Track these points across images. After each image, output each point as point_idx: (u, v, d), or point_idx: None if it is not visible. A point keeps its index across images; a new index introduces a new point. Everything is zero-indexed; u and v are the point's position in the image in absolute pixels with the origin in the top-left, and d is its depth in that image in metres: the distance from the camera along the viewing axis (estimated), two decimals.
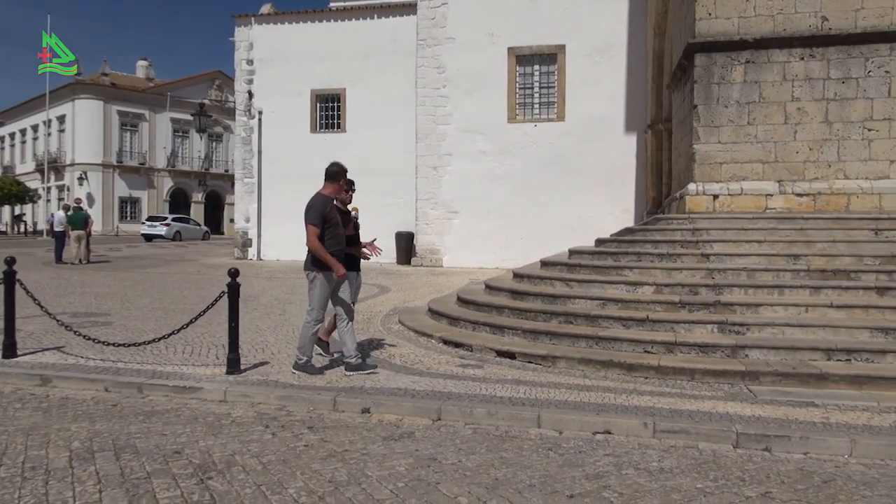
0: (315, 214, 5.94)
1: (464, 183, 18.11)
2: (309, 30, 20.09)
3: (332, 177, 6.20)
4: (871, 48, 9.12)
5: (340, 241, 6.17)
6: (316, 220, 5.93)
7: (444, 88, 18.18)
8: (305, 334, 6.10)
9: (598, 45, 17.29)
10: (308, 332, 6.09)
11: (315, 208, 5.98)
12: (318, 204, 6.02)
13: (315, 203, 6.03)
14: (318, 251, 5.91)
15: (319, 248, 5.91)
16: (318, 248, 5.92)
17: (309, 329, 6.09)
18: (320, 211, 5.97)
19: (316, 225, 5.93)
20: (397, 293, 12.40)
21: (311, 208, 6.00)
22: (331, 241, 6.02)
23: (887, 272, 7.33)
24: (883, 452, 4.39)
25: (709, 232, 8.61)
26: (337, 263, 5.95)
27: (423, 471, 3.97)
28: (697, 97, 9.61)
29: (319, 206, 6.00)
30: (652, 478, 3.94)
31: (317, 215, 5.94)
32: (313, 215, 5.95)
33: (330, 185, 6.20)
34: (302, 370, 6.07)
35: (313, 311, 6.06)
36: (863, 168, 9.18)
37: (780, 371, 5.85)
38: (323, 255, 5.92)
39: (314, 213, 5.95)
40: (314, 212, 5.96)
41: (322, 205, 6.02)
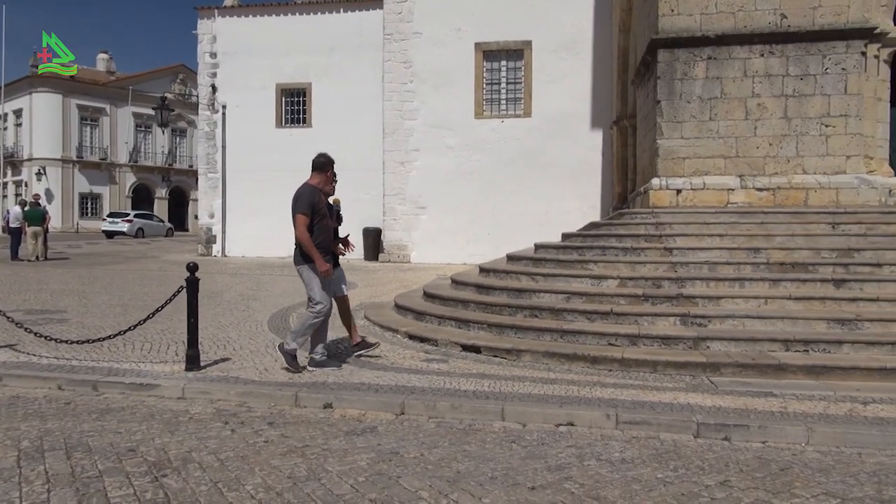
0: (304, 203, 5.77)
1: (431, 178, 18.06)
2: (274, 23, 19.81)
3: (320, 167, 6.03)
4: (829, 45, 9.31)
5: (329, 232, 6.03)
6: (306, 209, 5.75)
7: (411, 83, 18.09)
8: (304, 322, 5.90)
9: (565, 41, 17.38)
10: (307, 321, 5.87)
11: (304, 198, 5.80)
12: (307, 194, 5.84)
13: (304, 192, 5.86)
14: (306, 243, 5.73)
15: (307, 240, 5.73)
16: (307, 240, 5.73)
17: (310, 318, 5.87)
18: (309, 200, 5.79)
19: (306, 214, 5.74)
20: (364, 289, 12.31)
21: (299, 198, 5.82)
22: (318, 233, 5.86)
23: (843, 265, 7.49)
24: (838, 440, 4.48)
25: (672, 226, 8.71)
26: (321, 259, 5.75)
27: (385, 465, 3.92)
28: (660, 93, 9.71)
29: (308, 195, 5.83)
30: (613, 468, 3.96)
31: (306, 204, 5.76)
32: (302, 204, 5.76)
33: (317, 176, 6.02)
34: (285, 354, 5.89)
35: (318, 304, 5.85)
36: (820, 163, 9.37)
37: (741, 362, 5.94)
38: (309, 248, 5.72)
39: (303, 202, 5.77)
40: (303, 201, 5.78)
41: (311, 194, 5.84)
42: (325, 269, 5.78)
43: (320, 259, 5.76)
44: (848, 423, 4.66)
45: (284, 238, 19.32)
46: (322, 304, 5.89)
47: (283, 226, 20.19)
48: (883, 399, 5.24)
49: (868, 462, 4.17)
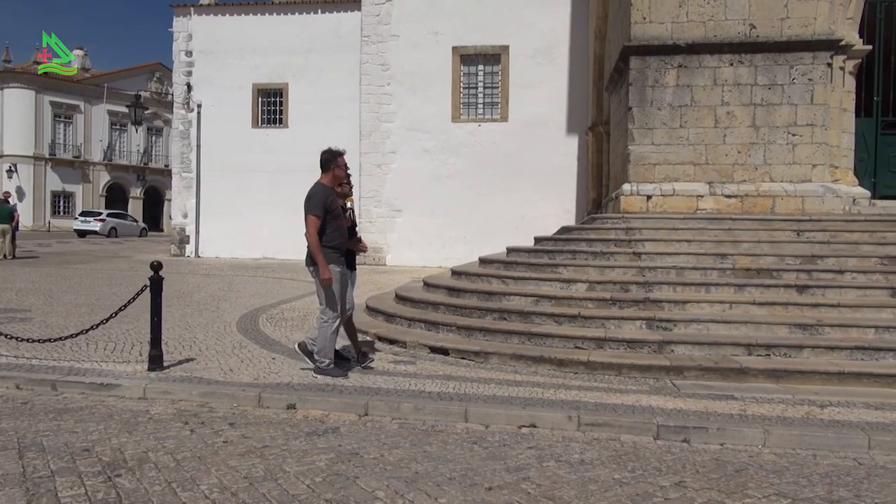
0: (317, 204, 5.58)
1: (408, 181, 18.05)
2: (251, 22, 19.69)
3: (324, 165, 5.84)
4: (796, 56, 9.48)
5: (343, 233, 5.85)
6: (318, 210, 5.56)
7: (388, 86, 18.09)
8: (324, 334, 5.70)
9: (542, 47, 17.49)
10: (327, 332, 5.69)
11: (316, 197, 5.62)
12: (320, 193, 5.66)
13: (316, 192, 5.68)
14: (314, 246, 5.55)
15: (315, 244, 5.55)
16: (315, 242, 5.55)
17: (327, 328, 5.70)
18: (322, 201, 5.60)
19: (318, 215, 5.56)
20: None
21: (312, 198, 5.64)
22: (333, 234, 5.69)
23: (806, 271, 7.63)
24: (794, 442, 4.55)
25: (641, 231, 8.80)
26: (325, 266, 5.56)
27: (344, 465, 3.91)
28: (632, 100, 9.81)
29: (321, 195, 5.64)
30: (572, 469, 3.98)
31: (318, 205, 5.58)
32: (315, 205, 5.58)
33: (325, 175, 5.82)
34: (325, 374, 5.66)
35: (329, 309, 5.70)
36: (787, 171, 9.54)
37: (704, 366, 6.02)
38: (315, 252, 5.54)
39: (316, 202, 5.59)
40: (316, 201, 5.59)
41: (324, 194, 5.66)
42: (327, 278, 5.59)
43: (324, 266, 5.58)
44: (804, 426, 4.74)
45: (259, 239, 19.40)
46: (332, 308, 5.69)
47: (258, 226, 20.13)
48: (840, 402, 5.34)
49: (822, 464, 4.25)
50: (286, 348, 7.01)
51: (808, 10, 9.46)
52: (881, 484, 3.91)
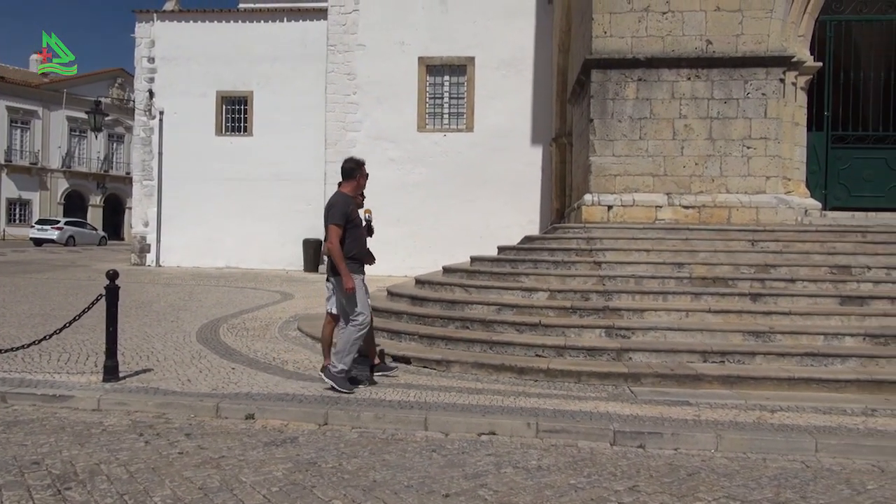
0: (338, 213, 5.55)
1: (373, 190, 17.81)
2: (215, 29, 19.53)
3: (349, 174, 5.82)
4: (750, 71, 9.76)
5: (363, 243, 5.82)
6: (340, 220, 5.54)
7: (354, 95, 18.08)
8: (348, 338, 5.59)
9: (507, 59, 17.69)
10: (351, 336, 5.58)
11: (338, 207, 5.60)
12: (341, 203, 5.64)
13: (338, 202, 5.65)
14: (336, 255, 5.51)
15: (338, 252, 5.51)
16: (338, 251, 5.51)
17: (353, 333, 5.58)
18: (343, 210, 5.58)
19: (339, 225, 5.54)
20: (301, 300, 12.19)
21: (332, 207, 5.62)
22: (353, 244, 5.65)
23: (760, 280, 7.84)
24: (745, 446, 4.68)
25: (602, 241, 8.94)
26: (348, 275, 5.51)
27: (301, 475, 3.90)
28: (594, 111, 9.99)
29: (342, 204, 5.62)
30: (529, 475, 4.03)
31: (340, 214, 5.55)
32: (336, 214, 5.56)
33: (348, 184, 5.81)
34: (332, 380, 5.53)
35: (360, 315, 5.59)
36: (742, 183, 9.79)
37: (660, 372, 6.14)
38: (339, 262, 5.49)
39: (337, 211, 5.57)
40: (337, 210, 5.57)
41: (345, 204, 5.64)
42: (350, 287, 5.52)
43: (347, 275, 5.51)
44: (755, 430, 4.87)
45: (223, 248, 19.17)
46: (364, 315, 5.62)
47: (222, 235, 19.90)
48: (790, 407, 5.50)
49: (771, 467, 4.37)
50: (247, 358, 6.95)
51: (762, 28, 9.76)
52: (826, 486, 4.04)
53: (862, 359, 6.37)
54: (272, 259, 19.19)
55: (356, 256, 5.69)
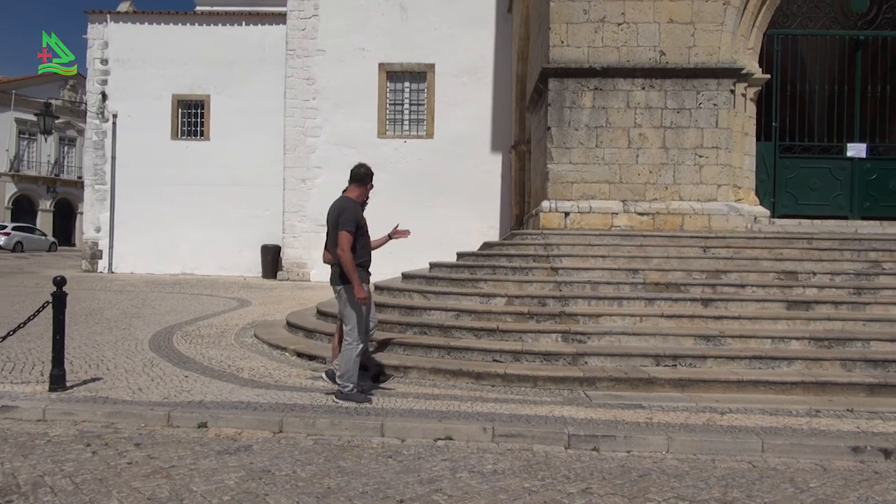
0: (350, 219, 5.39)
1: (333, 196, 17.38)
2: (172, 32, 19.19)
3: (360, 179, 5.70)
4: (702, 83, 10.04)
5: (369, 250, 5.70)
6: (351, 226, 5.37)
7: (313, 100, 17.96)
8: (349, 357, 5.46)
9: (467, 66, 17.81)
10: (351, 355, 5.46)
11: (349, 212, 5.43)
12: (352, 208, 5.49)
13: (348, 207, 5.50)
14: (349, 263, 5.34)
15: (350, 260, 5.35)
16: (350, 259, 5.35)
17: (352, 351, 5.46)
18: (355, 216, 5.44)
19: (351, 232, 5.37)
20: (258, 307, 12.02)
21: (344, 212, 5.44)
22: (361, 251, 5.53)
23: (711, 285, 8.04)
24: (695, 447, 4.78)
25: (559, 247, 9.05)
26: (360, 285, 5.39)
27: (254, 483, 3.85)
28: (551, 120, 10.13)
29: (354, 209, 5.48)
30: (484, 479, 4.05)
31: (351, 220, 5.39)
32: (348, 220, 5.38)
33: (356, 188, 5.70)
34: (347, 399, 5.38)
35: (353, 330, 5.48)
36: (695, 191, 10.05)
37: (615, 376, 6.24)
38: (351, 271, 5.34)
39: (349, 217, 5.39)
40: (348, 216, 5.40)
41: (355, 209, 5.51)
42: (363, 297, 5.40)
43: (359, 284, 5.39)
44: (704, 432, 4.98)
45: (178, 253, 18.79)
46: (357, 329, 5.51)
47: (177, 241, 19.52)
48: (738, 409, 5.65)
49: (720, 467, 4.48)
50: (201, 365, 6.82)
51: (713, 40, 10.05)
52: (772, 485, 4.16)
53: (807, 361, 6.59)
54: (229, 265, 18.88)
55: (364, 264, 5.59)
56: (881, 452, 4.70)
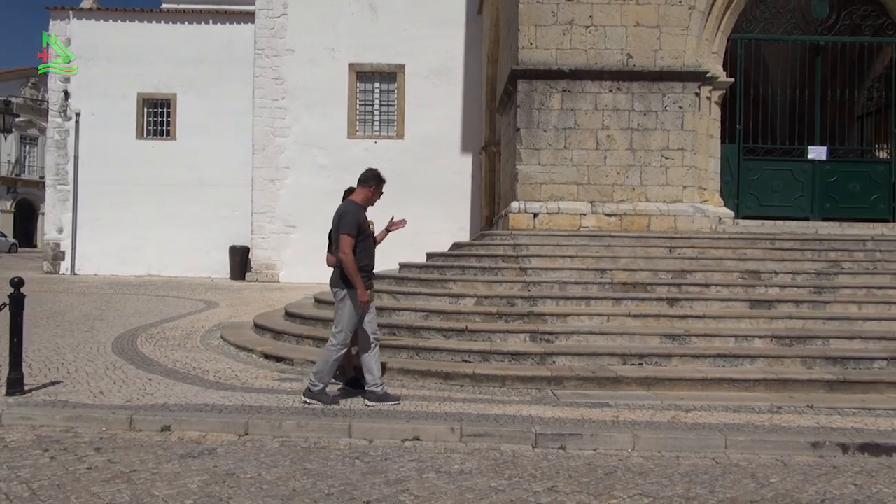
0: (351, 223, 5.36)
1: (303, 197, 17.77)
2: (137, 29, 18.85)
3: (365, 182, 5.66)
4: (668, 85, 10.18)
5: (372, 254, 5.66)
6: (353, 229, 5.34)
7: (282, 100, 17.80)
8: (327, 359, 5.45)
9: (437, 67, 17.81)
10: (331, 357, 5.45)
11: (350, 215, 5.41)
12: (354, 211, 5.46)
13: (350, 210, 5.47)
14: (350, 267, 5.30)
15: (352, 264, 5.31)
16: (352, 262, 5.31)
17: (333, 353, 5.45)
18: (356, 219, 5.41)
19: (352, 235, 5.34)
20: (225, 309, 11.87)
21: (345, 215, 5.42)
22: (362, 254, 5.47)
23: (677, 285, 8.16)
24: (660, 445, 4.85)
25: (528, 248, 9.10)
26: (363, 288, 5.36)
27: (218, 486, 3.79)
28: (520, 121, 10.18)
29: (356, 213, 5.45)
30: (451, 479, 4.05)
31: (353, 224, 5.36)
32: (349, 223, 5.35)
33: (362, 192, 5.65)
34: (315, 399, 5.36)
35: (340, 334, 5.45)
36: (661, 192, 10.18)
37: (582, 375, 6.29)
38: (353, 274, 5.30)
39: (349, 220, 5.37)
40: (349, 219, 5.38)
41: (357, 213, 5.48)
42: (366, 301, 5.37)
43: (362, 288, 5.35)
44: (669, 430, 5.05)
45: (143, 255, 18.47)
46: (344, 334, 5.46)
47: (143, 242, 19.17)
48: (702, 406, 5.74)
49: (684, 464, 4.55)
50: (165, 368, 6.71)
51: (678, 44, 10.20)
52: (734, 480, 4.23)
53: (769, 359, 6.72)
54: (197, 267, 18.61)
55: (365, 268, 5.57)
56: (839, 447, 4.81)
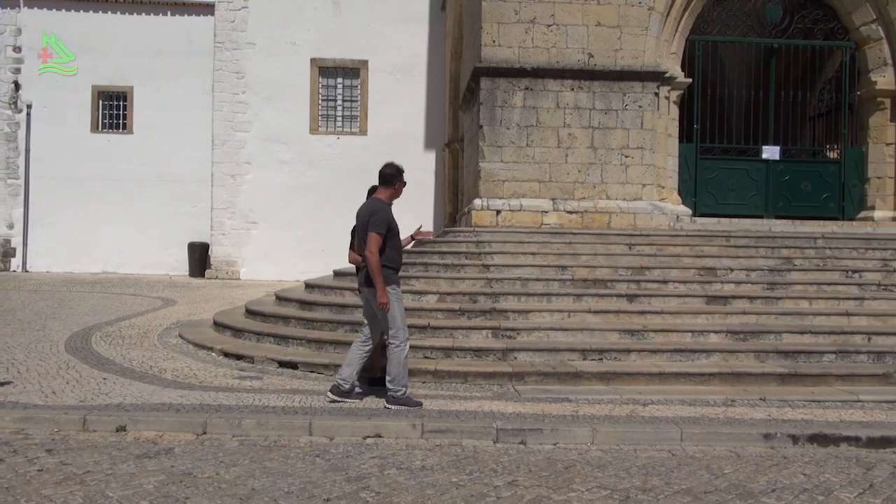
0: (381, 221, 5.30)
1: (264, 193, 17.54)
2: (92, 20, 18.33)
3: (388, 180, 5.55)
4: (628, 85, 10.33)
5: (400, 252, 5.59)
6: (382, 228, 5.28)
7: (243, 94, 17.52)
8: (397, 360, 5.34)
9: (400, 64, 17.75)
10: (399, 357, 5.33)
11: (381, 214, 5.34)
12: (384, 209, 5.40)
13: (380, 208, 5.40)
14: (375, 265, 5.23)
15: (377, 263, 5.24)
16: (377, 262, 5.24)
17: (399, 353, 5.34)
18: (386, 218, 5.36)
19: (382, 234, 5.28)
20: (184, 306, 11.65)
21: (375, 213, 5.34)
22: (393, 253, 5.42)
23: (636, 281, 8.31)
24: (618, 438, 4.93)
25: (491, 245, 9.15)
26: (383, 289, 5.24)
27: (174, 487, 3.73)
28: (483, 118, 10.22)
29: (385, 211, 5.40)
30: (412, 476, 4.06)
31: (383, 223, 5.31)
32: (379, 222, 5.29)
33: (385, 190, 5.56)
34: (400, 404, 5.28)
35: (398, 332, 5.36)
36: (621, 190, 10.34)
37: (543, 371, 6.36)
38: (376, 273, 5.22)
39: (380, 219, 5.30)
40: (380, 218, 5.31)
41: (387, 211, 5.42)
42: (385, 302, 5.26)
43: (382, 289, 5.25)
44: (627, 423, 5.15)
45: (99, 251, 18.01)
46: (404, 332, 5.40)
47: (98, 238, 18.71)
48: (660, 400, 5.86)
49: (641, 457, 4.64)
50: (121, 367, 6.57)
51: (638, 44, 10.36)
52: (689, 472, 4.34)
53: (724, 353, 6.90)
54: (155, 264, 18.21)
55: (396, 266, 5.51)
56: (790, 438, 4.97)
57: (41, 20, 18.29)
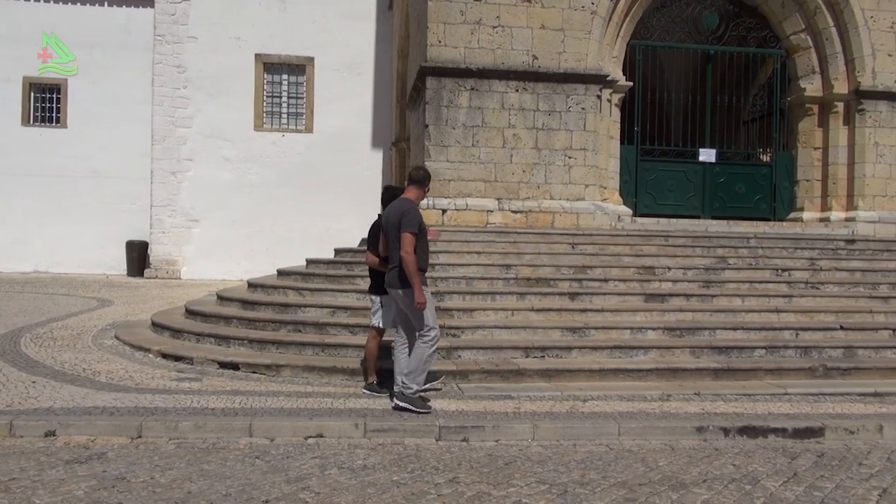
0: (413, 222, 5.29)
1: (206, 190, 17.15)
2: (22, 8, 17.57)
3: (420, 180, 5.64)
4: (571, 87, 10.52)
5: (428, 253, 5.59)
6: (415, 228, 5.29)
7: (184, 89, 17.08)
8: (421, 355, 5.33)
9: (347, 61, 17.62)
10: (424, 353, 5.34)
11: (412, 214, 5.33)
12: (414, 210, 5.40)
13: (411, 208, 5.39)
14: (412, 266, 5.21)
15: (413, 263, 5.22)
16: (413, 262, 5.22)
17: (425, 349, 5.34)
18: (418, 218, 5.36)
19: (415, 234, 5.27)
20: (121, 307, 11.29)
21: (407, 213, 5.31)
22: (422, 254, 5.42)
23: (578, 280, 8.47)
24: (558, 434, 5.03)
25: (436, 244, 9.16)
26: (421, 289, 5.24)
27: (106, 492, 3.63)
28: (429, 118, 10.25)
29: (416, 211, 5.39)
30: (353, 475, 4.05)
31: (415, 223, 5.30)
32: (411, 222, 5.28)
33: (415, 190, 5.61)
34: (408, 404, 5.21)
35: (430, 331, 5.35)
36: (564, 190, 10.52)
37: (486, 369, 6.43)
38: (413, 273, 5.20)
39: (412, 219, 5.29)
40: (412, 219, 5.30)
41: (416, 211, 5.42)
42: (422, 302, 5.24)
43: (420, 288, 5.25)
44: (567, 419, 5.25)
45: (30, 250, 17.29)
46: (435, 330, 5.39)
47: (29, 236, 17.98)
48: (599, 396, 6.00)
49: (580, 451, 4.74)
50: (52, 370, 6.33)
51: (581, 47, 10.56)
52: (625, 465, 4.46)
53: (661, 350, 7.11)
54: (90, 263, 17.60)
55: (424, 268, 5.52)
56: (721, 431, 5.16)
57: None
